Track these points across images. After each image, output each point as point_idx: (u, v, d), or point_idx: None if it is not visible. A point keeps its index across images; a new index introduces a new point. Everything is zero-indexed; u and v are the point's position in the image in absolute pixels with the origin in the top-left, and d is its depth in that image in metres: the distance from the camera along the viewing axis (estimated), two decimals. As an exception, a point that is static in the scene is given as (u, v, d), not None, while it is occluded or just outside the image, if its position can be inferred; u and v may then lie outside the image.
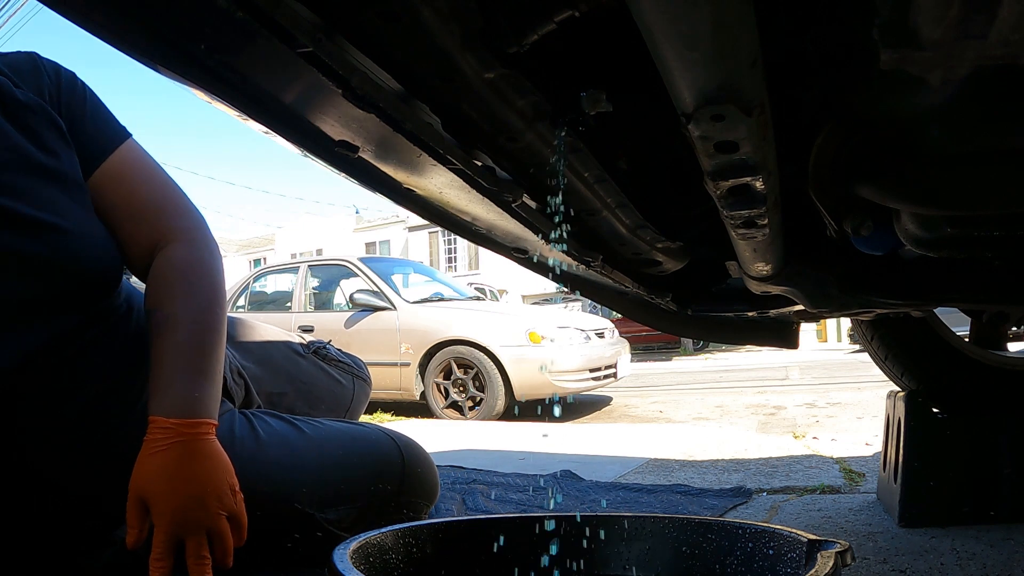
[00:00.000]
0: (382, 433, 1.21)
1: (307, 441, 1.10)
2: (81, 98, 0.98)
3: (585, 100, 0.64)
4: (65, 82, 0.97)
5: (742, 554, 0.84)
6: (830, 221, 0.82)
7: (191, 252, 0.97)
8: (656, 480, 1.92)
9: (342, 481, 1.10)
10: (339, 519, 1.07)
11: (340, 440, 1.14)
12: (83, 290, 0.92)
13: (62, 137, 0.93)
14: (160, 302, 0.92)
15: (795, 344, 1.50)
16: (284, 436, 1.09)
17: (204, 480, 0.84)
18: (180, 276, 0.94)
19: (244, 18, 0.47)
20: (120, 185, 0.97)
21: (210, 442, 0.87)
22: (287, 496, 1.04)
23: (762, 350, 13.44)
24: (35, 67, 0.96)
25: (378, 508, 1.13)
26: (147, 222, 0.97)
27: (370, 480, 1.13)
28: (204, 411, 0.87)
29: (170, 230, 0.97)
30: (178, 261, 0.95)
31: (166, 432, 0.84)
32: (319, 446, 1.11)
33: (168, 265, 0.95)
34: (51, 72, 0.97)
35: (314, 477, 1.07)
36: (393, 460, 1.16)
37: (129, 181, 0.98)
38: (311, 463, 1.08)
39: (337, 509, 1.08)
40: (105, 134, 0.98)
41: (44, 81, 0.95)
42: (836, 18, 0.62)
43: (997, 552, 1.14)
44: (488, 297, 7.62)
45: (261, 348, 1.40)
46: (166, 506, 0.81)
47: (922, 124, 0.64)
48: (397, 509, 1.16)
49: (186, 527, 0.81)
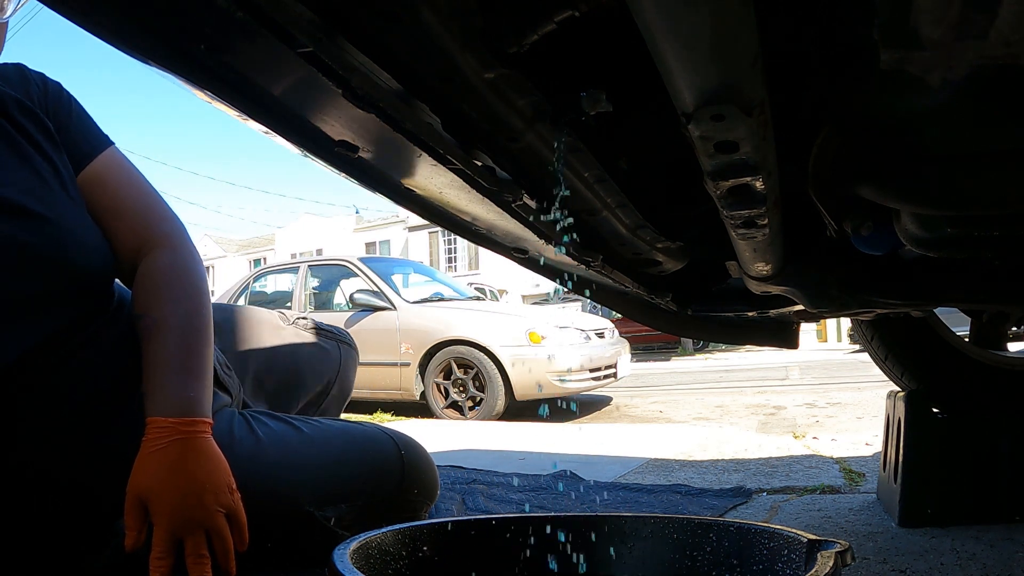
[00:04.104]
0: (381, 432, 1.21)
1: (306, 441, 1.11)
2: (67, 105, 1.02)
3: (585, 100, 0.64)
4: (52, 90, 1.01)
5: (742, 554, 0.84)
6: (830, 221, 0.82)
7: (175, 258, 0.99)
8: (656, 480, 1.92)
9: (341, 480, 1.10)
10: (339, 517, 1.07)
11: (339, 439, 1.15)
12: (81, 284, 0.93)
13: (51, 140, 0.96)
14: (148, 307, 0.95)
15: (795, 344, 1.50)
16: (283, 436, 1.10)
17: (202, 478, 0.84)
18: (166, 282, 0.97)
19: (244, 18, 0.47)
20: (104, 188, 1.00)
21: (207, 440, 0.88)
22: (287, 496, 1.04)
23: (762, 350, 13.44)
24: (23, 76, 1.00)
25: (378, 507, 1.13)
26: (130, 225, 1.00)
27: (370, 479, 1.13)
28: (200, 410, 0.89)
29: (153, 235, 1.00)
30: (163, 267, 0.98)
31: (164, 431, 0.85)
32: (318, 446, 1.12)
33: (154, 270, 0.97)
34: (38, 81, 1.00)
35: (313, 476, 1.08)
36: (392, 459, 1.17)
37: (113, 185, 1.01)
38: (310, 462, 1.09)
39: (337, 507, 1.08)
40: (89, 140, 1.02)
41: (32, 89, 0.99)
42: (836, 18, 0.62)
43: (997, 552, 1.15)
44: (488, 297, 7.62)
45: (245, 326, 1.43)
46: (165, 504, 0.82)
47: (922, 124, 0.64)
48: (397, 508, 1.16)
49: (185, 525, 0.82)
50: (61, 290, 0.91)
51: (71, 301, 0.93)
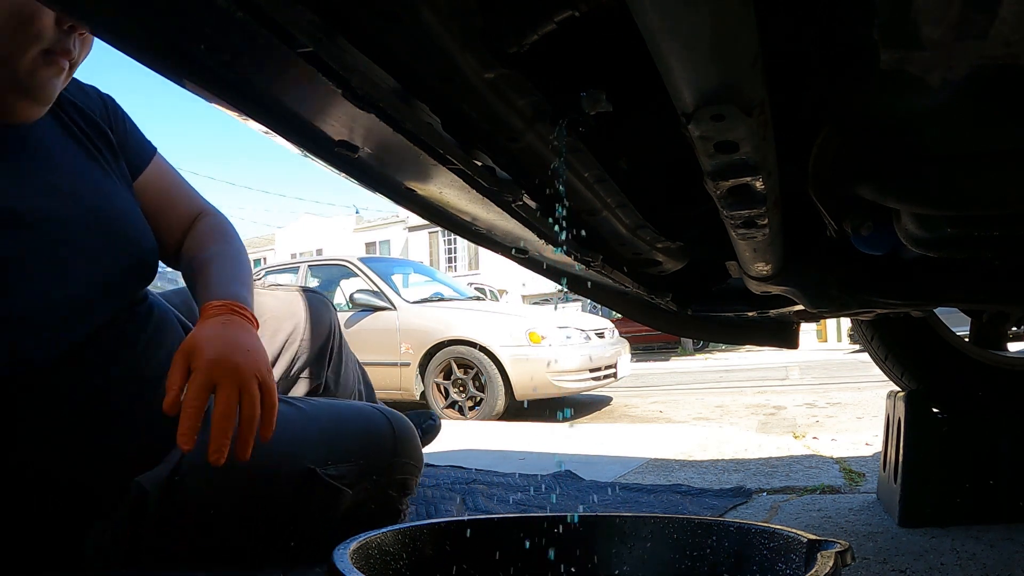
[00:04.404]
0: (371, 407, 1.29)
1: (303, 415, 1.17)
2: (123, 119, 1.16)
3: (585, 100, 0.64)
4: (109, 105, 1.15)
5: (742, 554, 0.84)
6: (830, 221, 0.82)
7: (219, 221, 1.19)
8: (656, 480, 1.92)
9: (340, 445, 1.16)
10: (340, 475, 1.13)
11: (332, 410, 1.23)
12: (138, 272, 1.06)
13: (112, 150, 1.10)
14: (200, 248, 1.12)
15: (795, 344, 1.50)
16: (282, 413, 1.14)
17: (244, 343, 0.93)
18: (213, 232, 1.16)
19: (244, 18, 0.47)
20: (156, 189, 1.16)
21: (252, 328, 0.98)
22: (291, 454, 1.08)
23: (762, 350, 13.44)
24: (81, 89, 1.11)
25: (376, 469, 1.20)
26: (178, 214, 1.18)
27: (366, 444, 1.21)
28: (249, 306, 1.01)
29: (199, 214, 1.19)
30: (210, 225, 1.17)
31: (219, 308, 0.97)
32: (315, 419, 1.18)
33: (203, 227, 1.17)
34: (94, 95, 1.13)
35: (314, 440, 1.13)
36: (383, 426, 1.25)
37: (163, 185, 1.18)
38: (309, 430, 1.15)
39: (338, 467, 1.13)
40: (140, 152, 1.17)
41: (93, 104, 1.12)
42: (836, 18, 0.62)
43: (997, 552, 1.15)
44: (488, 297, 7.62)
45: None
46: (208, 353, 0.89)
47: (922, 124, 0.64)
48: (391, 472, 1.23)
49: (222, 373, 0.87)
50: (125, 274, 1.03)
51: (129, 287, 1.04)
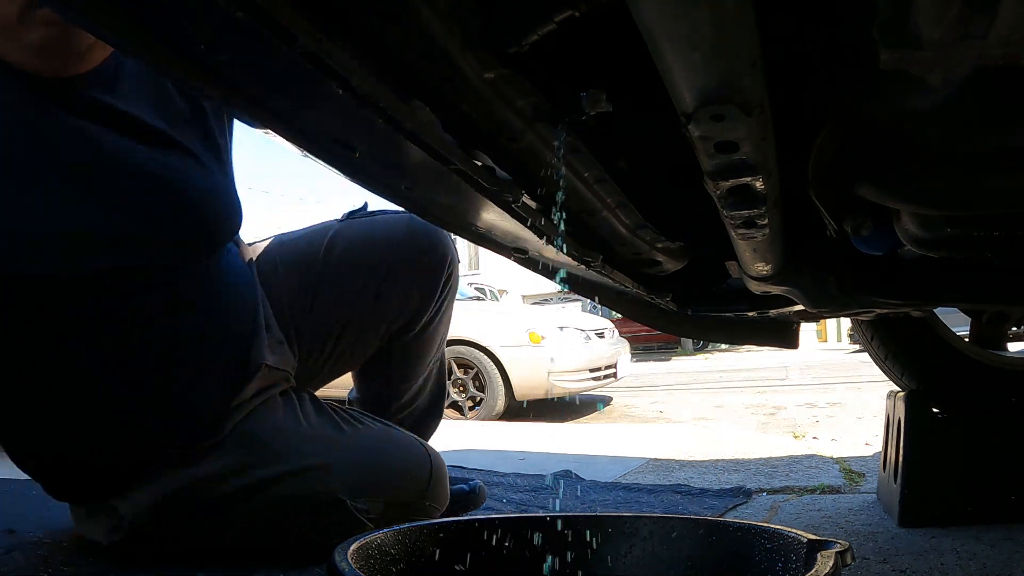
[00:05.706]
0: (415, 439, 1.28)
1: (343, 434, 1.18)
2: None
3: (585, 100, 0.64)
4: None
5: (742, 554, 0.84)
6: (830, 221, 0.82)
7: None
8: (656, 480, 1.92)
9: (376, 472, 1.16)
10: (367, 509, 1.13)
11: (377, 436, 1.22)
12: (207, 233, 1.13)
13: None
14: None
15: (795, 344, 1.50)
16: (326, 433, 1.18)
17: None
18: None
19: (244, 18, 0.47)
20: None
21: None
22: (323, 480, 1.09)
23: (762, 350, 13.44)
24: None
25: (401, 507, 1.18)
26: None
27: (400, 477, 1.19)
28: None
29: None
30: None
31: None
32: (357, 439, 1.18)
33: None
34: None
35: (351, 468, 1.13)
36: (423, 464, 1.23)
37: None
38: (349, 456, 1.15)
39: (367, 500, 1.13)
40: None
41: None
42: (836, 18, 0.62)
43: (997, 552, 1.14)
44: (488, 297, 7.62)
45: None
46: None
47: (922, 124, 0.64)
48: (416, 512, 1.21)
49: None
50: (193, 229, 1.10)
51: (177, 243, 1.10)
